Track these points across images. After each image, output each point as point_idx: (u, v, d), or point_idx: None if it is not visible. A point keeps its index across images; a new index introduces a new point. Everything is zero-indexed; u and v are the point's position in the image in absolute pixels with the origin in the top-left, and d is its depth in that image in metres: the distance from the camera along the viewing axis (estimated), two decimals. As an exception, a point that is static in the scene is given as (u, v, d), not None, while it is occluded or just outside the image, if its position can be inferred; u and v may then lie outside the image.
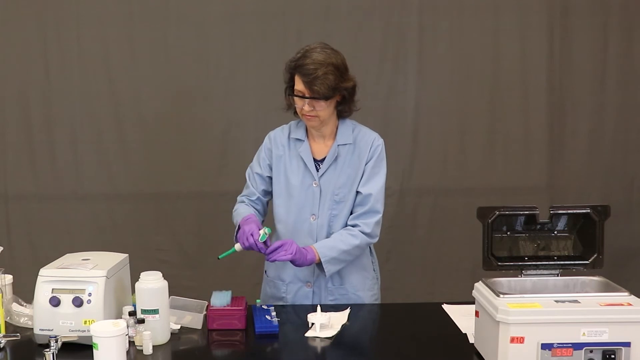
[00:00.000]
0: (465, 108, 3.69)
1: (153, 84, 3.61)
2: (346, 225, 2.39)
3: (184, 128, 3.64)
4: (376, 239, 2.41)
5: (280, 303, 2.44)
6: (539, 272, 1.91)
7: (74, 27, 3.56)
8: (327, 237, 2.38)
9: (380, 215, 2.38)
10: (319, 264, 2.32)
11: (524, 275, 1.91)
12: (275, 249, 2.23)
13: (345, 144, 2.38)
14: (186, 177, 3.66)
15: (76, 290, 1.95)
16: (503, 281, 1.88)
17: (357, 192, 2.38)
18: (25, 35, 3.56)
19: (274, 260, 2.24)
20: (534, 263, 1.92)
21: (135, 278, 2.04)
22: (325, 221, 2.38)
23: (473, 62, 3.66)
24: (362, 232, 2.35)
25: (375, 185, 2.37)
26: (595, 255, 1.90)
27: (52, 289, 1.96)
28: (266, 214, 2.54)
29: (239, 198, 2.53)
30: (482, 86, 3.68)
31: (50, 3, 3.55)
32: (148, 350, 1.93)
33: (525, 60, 3.66)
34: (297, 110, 2.32)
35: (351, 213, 2.39)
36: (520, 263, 1.92)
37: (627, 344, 1.65)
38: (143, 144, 3.65)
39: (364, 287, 2.47)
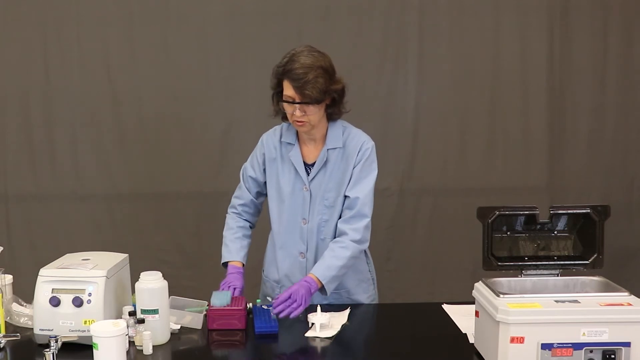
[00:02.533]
0: (465, 108, 3.68)
1: (153, 84, 3.61)
2: (336, 229, 2.35)
3: (184, 128, 3.64)
4: (367, 244, 2.37)
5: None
6: (539, 272, 1.91)
7: (74, 27, 3.56)
8: (318, 243, 2.36)
9: (368, 219, 2.32)
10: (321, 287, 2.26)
11: (524, 275, 1.91)
12: (284, 301, 2.13)
13: (335, 148, 2.34)
14: (186, 177, 3.66)
15: (76, 290, 1.96)
16: (503, 281, 1.88)
17: (345, 197, 2.33)
18: (25, 35, 3.56)
19: (286, 317, 2.12)
20: (534, 263, 1.92)
21: (135, 278, 2.04)
22: (315, 226, 2.35)
23: (473, 62, 3.65)
24: (352, 241, 2.29)
25: (363, 189, 2.31)
26: (595, 255, 1.90)
27: (52, 289, 1.96)
28: (259, 214, 2.54)
29: (232, 202, 2.50)
30: (482, 86, 3.67)
31: (50, 3, 3.55)
32: (148, 350, 1.93)
33: (525, 60, 3.65)
34: (288, 116, 2.28)
35: (340, 216, 2.36)
36: (520, 263, 1.92)
37: (627, 344, 1.65)
38: (143, 144, 3.64)
39: (359, 291, 2.45)
